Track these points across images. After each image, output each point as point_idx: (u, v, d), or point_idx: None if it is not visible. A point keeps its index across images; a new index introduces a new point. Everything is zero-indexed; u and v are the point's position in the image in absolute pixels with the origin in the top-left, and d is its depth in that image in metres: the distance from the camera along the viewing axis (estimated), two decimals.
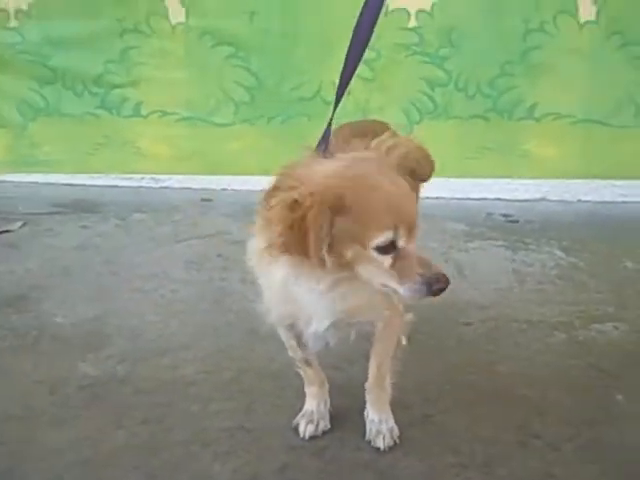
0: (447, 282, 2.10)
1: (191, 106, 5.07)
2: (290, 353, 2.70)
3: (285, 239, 2.07)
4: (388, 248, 2.09)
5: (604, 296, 3.71)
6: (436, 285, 2.10)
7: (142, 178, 5.30)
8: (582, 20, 4.70)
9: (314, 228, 2.01)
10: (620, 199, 4.98)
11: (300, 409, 2.77)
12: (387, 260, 2.11)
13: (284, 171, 2.17)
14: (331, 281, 2.24)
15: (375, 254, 2.09)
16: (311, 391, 2.76)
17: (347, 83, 2.60)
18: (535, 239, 4.45)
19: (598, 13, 4.68)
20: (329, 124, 2.50)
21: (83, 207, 4.92)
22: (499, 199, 5.07)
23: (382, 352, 2.63)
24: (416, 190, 2.34)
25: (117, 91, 5.10)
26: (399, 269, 2.11)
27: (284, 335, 2.64)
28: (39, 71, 5.07)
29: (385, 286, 2.17)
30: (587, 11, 4.67)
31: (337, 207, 2.03)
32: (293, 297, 2.33)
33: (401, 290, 2.13)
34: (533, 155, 4.97)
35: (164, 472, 2.51)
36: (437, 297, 2.12)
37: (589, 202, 5.05)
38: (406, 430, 2.69)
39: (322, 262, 2.08)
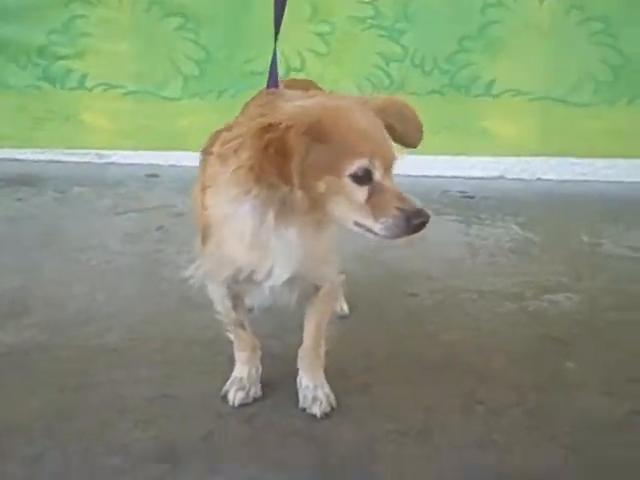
0: (427, 216, 1.99)
1: (138, 79, 4.85)
2: (221, 316, 2.53)
3: (258, 162, 1.89)
4: (364, 178, 1.95)
5: (558, 268, 3.58)
6: (415, 219, 1.97)
7: (86, 153, 5.05)
8: None
9: (297, 149, 1.87)
10: (580, 177, 4.84)
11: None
12: (362, 192, 1.96)
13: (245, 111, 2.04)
14: (300, 225, 2.06)
15: (350, 184, 1.95)
16: (242, 356, 2.58)
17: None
18: (491, 214, 4.31)
19: None
20: (273, 59, 2.39)
21: (21, 181, 4.68)
22: (456, 177, 4.91)
23: (321, 315, 2.48)
24: None
25: (61, 63, 4.85)
26: (375, 205, 1.96)
27: (219, 294, 2.46)
28: None
29: (359, 225, 2.00)
30: None
31: (314, 132, 1.90)
32: (260, 243, 2.13)
33: (377, 228, 1.97)
34: (491, 132, 4.82)
35: (76, 439, 2.32)
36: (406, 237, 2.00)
37: (549, 181, 4.90)
38: (343, 399, 2.53)
39: (299, 194, 1.93)
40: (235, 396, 2.52)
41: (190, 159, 5.10)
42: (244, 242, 2.13)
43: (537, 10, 4.61)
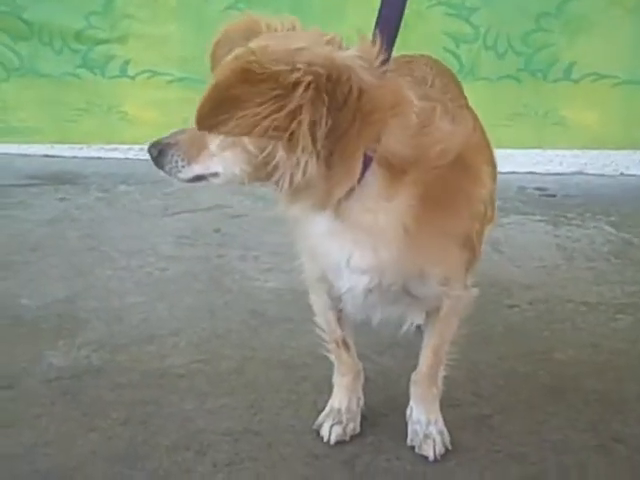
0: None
1: (185, 65, 4.42)
2: (322, 331, 2.14)
3: None
4: None
5: None
6: None
7: (129, 149, 4.68)
8: None
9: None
10: None
11: (321, 407, 2.23)
12: None
13: None
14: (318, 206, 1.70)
15: None
16: (343, 383, 2.19)
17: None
18: (578, 214, 3.89)
19: None
20: None
21: (61, 179, 4.30)
22: (532, 172, 4.51)
23: (440, 338, 2.07)
24: None
25: (101, 48, 4.43)
26: None
27: (320, 304, 2.09)
28: (12, 24, 4.39)
29: None
30: None
31: None
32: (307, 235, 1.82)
33: None
34: (570, 122, 4.39)
35: None
36: None
37: (633, 176, 4.48)
38: (457, 434, 2.17)
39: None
40: (331, 431, 2.14)
41: None
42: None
43: None
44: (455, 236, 1.81)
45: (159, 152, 1.81)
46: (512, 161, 4.46)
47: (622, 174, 4.53)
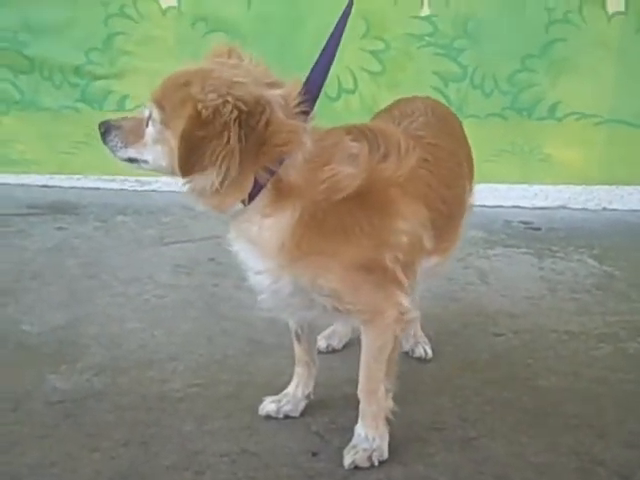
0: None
1: None
2: None
3: None
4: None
5: None
6: None
7: (126, 180, 4.79)
8: (610, 11, 4.32)
9: None
10: None
11: (315, 429, 2.36)
12: None
13: None
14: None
15: None
16: (296, 371, 2.46)
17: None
18: (562, 247, 4.02)
19: (627, 3, 4.31)
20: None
21: (60, 209, 4.40)
22: (517, 206, 4.64)
23: (370, 351, 2.20)
24: None
25: (100, 83, 4.60)
26: None
27: None
28: (14, 59, 4.54)
29: None
30: (615, 1, 4.29)
31: None
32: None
33: None
34: (554, 159, 4.56)
35: None
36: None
37: (615, 210, 4.62)
38: (444, 455, 2.27)
39: None
40: (265, 407, 2.41)
41: None
42: None
43: (605, 27, 4.35)
44: (347, 259, 2.03)
45: (105, 129, 2.14)
46: (498, 195, 4.61)
47: (604, 209, 4.67)
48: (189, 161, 1.91)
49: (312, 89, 2.07)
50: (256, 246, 2.07)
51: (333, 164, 2.02)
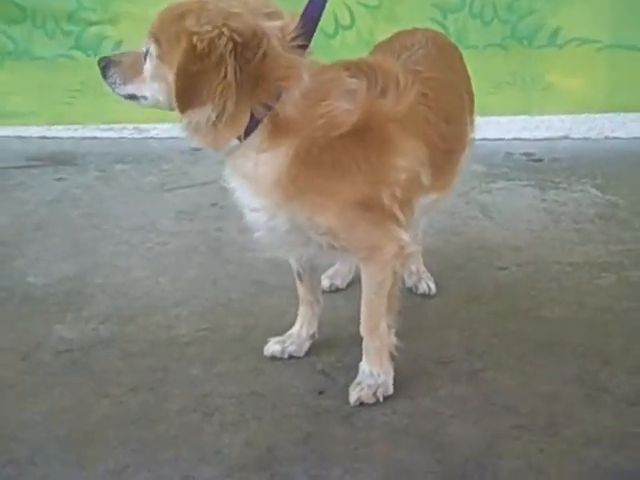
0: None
1: None
2: None
3: None
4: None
5: None
6: None
7: (124, 128, 4.74)
8: None
9: None
10: None
11: (321, 368, 2.39)
12: None
13: None
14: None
15: None
16: (299, 310, 2.47)
17: None
18: (565, 178, 3.99)
19: None
20: None
21: (59, 160, 4.37)
22: (518, 138, 4.59)
23: (369, 286, 2.21)
24: None
25: (94, 29, 4.52)
26: None
27: None
28: (5, 8, 4.48)
29: None
30: None
31: None
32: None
33: None
34: (556, 88, 4.47)
35: (158, 447, 2.06)
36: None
37: (617, 139, 4.57)
38: (451, 388, 2.29)
39: None
40: (270, 347, 2.43)
41: None
42: None
43: None
44: (344, 196, 2.02)
45: (105, 65, 2.11)
46: (499, 128, 4.56)
47: (607, 137, 4.61)
48: (186, 96, 1.89)
49: (308, 23, 2.01)
50: (251, 182, 2.05)
51: (330, 100, 1.99)
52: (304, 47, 1.99)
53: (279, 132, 1.97)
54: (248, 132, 1.97)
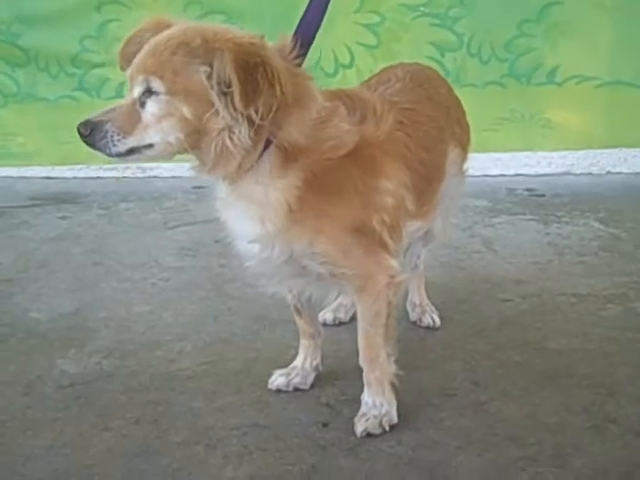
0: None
1: None
2: None
3: None
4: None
5: None
6: None
7: (127, 167, 4.78)
8: None
9: None
10: None
11: (325, 401, 2.36)
12: None
13: None
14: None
15: None
16: (301, 343, 2.46)
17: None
18: (567, 212, 4.00)
19: None
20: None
21: (63, 199, 4.41)
22: (520, 174, 4.63)
23: (363, 320, 2.19)
24: None
25: (96, 71, 4.57)
26: None
27: None
28: (9, 52, 4.53)
29: None
30: None
31: None
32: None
33: None
34: (555, 124, 4.50)
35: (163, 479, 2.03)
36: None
37: (619, 174, 4.59)
38: (456, 419, 2.26)
39: None
40: (275, 380, 2.41)
41: None
42: None
43: None
44: (343, 221, 2.02)
45: (91, 130, 1.91)
46: (500, 164, 4.60)
47: (608, 172, 4.64)
48: (250, 87, 1.78)
49: (303, 43, 2.00)
50: (260, 208, 1.99)
51: (334, 121, 2.00)
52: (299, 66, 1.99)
53: (290, 156, 1.95)
54: (260, 155, 1.95)
